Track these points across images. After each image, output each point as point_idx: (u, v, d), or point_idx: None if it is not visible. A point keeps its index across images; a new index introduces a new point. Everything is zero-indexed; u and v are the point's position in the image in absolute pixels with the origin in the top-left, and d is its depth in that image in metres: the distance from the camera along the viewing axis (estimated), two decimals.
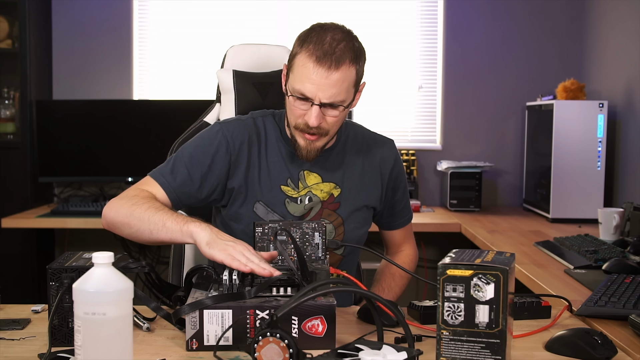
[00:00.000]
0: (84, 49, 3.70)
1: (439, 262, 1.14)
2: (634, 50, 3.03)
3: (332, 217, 1.67)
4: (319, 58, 1.49)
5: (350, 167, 1.71)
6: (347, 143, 1.72)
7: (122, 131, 3.49)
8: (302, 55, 1.51)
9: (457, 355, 1.13)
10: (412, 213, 1.86)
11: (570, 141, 3.05)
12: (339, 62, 1.49)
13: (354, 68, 1.53)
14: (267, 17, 3.72)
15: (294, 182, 1.66)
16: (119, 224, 1.52)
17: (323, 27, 1.54)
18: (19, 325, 1.36)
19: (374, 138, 1.78)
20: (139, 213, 1.48)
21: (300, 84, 1.52)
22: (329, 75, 1.49)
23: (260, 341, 1.07)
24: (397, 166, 1.77)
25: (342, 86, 1.51)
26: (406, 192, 1.82)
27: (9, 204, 3.38)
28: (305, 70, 1.50)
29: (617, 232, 2.45)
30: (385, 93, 3.75)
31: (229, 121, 1.69)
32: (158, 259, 3.62)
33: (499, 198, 3.75)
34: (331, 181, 1.68)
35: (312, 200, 1.66)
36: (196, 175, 1.60)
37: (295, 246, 1.36)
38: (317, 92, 1.50)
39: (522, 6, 3.69)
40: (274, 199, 1.64)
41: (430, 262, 3.63)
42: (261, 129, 1.68)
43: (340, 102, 1.53)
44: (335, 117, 1.55)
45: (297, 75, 1.53)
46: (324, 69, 1.49)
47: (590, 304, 1.52)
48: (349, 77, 1.52)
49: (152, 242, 1.50)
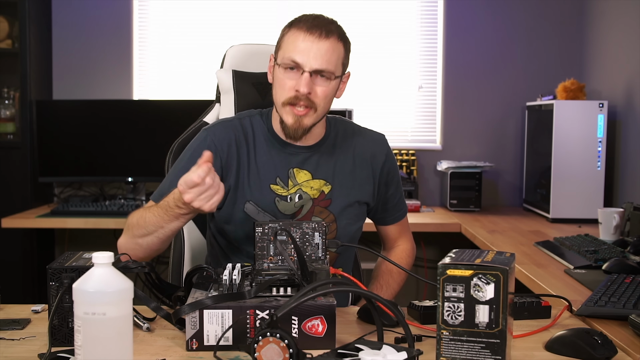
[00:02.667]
0: (84, 49, 3.70)
1: (439, 262, 1.14)
2: (634, 50, 3.03)
3: (323, 214, 1.67)
4: (309, 28, 1.56)
5: (341, 163, 1.71)
6: (336, 139, 1.72)
7: (122, 131, 3.49)
8: (292, 30, 1.58)
9: (457, 355, 1.13)
10: (406, 207, 1.86)
11: (570, 141, 3.05)
12: (329, 33, 1.56)
13: (342, 45, 1.59)
14: (267, 17, 3.72)
15: (283, 181, 1.66)
16: (132, 252, 1.53)
17: (311, 14, 1.61)
18: (19, 325, 1.36)
19: (364, 133, 1.78)
20: (137, 230, 1.53)
21: (290, 52, 1.56)
22: (319, 42, 1.55)
23: (260, 341, 1.07)
24: (388, 161, 1.76)
25: (332, 56, 1.56)
26: (399, 187, 1.81)
27: (9, 204, 3.38)
28: (296, 39, 1.56)
29: (617, 232, 2.45)
30: (385, 93, 3.75)
31: (215, 125, 1.70)
32: (158, 259, 3.62)
33: (499, 198, 3.75)
34: (321, 178, 1.68)
35: (302, 198, 1.65)
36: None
37: (295, 246, 1.36)
38: (309, 58, 1.55)
39: (522, 6, 3.69)
40: (264, 199, 1.64)
41: (430, 262, 3.63)
42: (248, 128, 1.68)
43: (330, 72, 1.56)
44: (324, 89, 1.57)
45: (287, 47, 1.58)
46: (315, 36, 1.55)
47: (590, 304, 1.52)
48: (337, 50, 1.58)
49: (163, 241, 1.53)
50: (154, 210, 1.50)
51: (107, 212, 3.24)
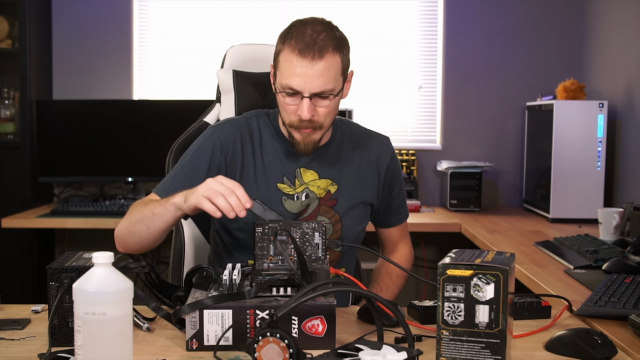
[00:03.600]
0: (84, 49, 3.70)
1: (439, 262, 1.14)
2: (634, 50, 3.03)
3: (329, 213, 1.68)
4: (301, 50, 1.51)
5: (347, 164, 1.71)
6: (343, 140, 1.73)
7: (122, 131, 3.49)
8: (285, 51, 1.53)
9: (457, 355, 1.13)
10: (408, 211, 1.87)
11: (570, 141, 3.05)
12: (322, 51, 1.51)
13: (338, 56, 1.55)
14: (267, 17, 3.71)
15: (290, 180, 1.66)
16: (124, 237, 1.56)
17: (302, 22, 1.57)
18: (19, 325, 1.36)
19: (369, 135, 1.79)
20: (134, 217, 1.54)
21: (287, 79, 1.53)
22: (313, 66, 1.51)
23: (260, 341, 1.07)
24: (393, 163, 1.77)
25: (329, 75, 1.52)
26: (402, 189, 1.82)
27: (9, 204, 3.38)
28: (290, 64, 1.52)
29: (617, 232, 2.45)
30: (385, 93, 3.75)
31: (222, 123, 1.71)
32: (158, 259, 3.62)
33: (499, 198, 3.75)
34: (328, 178, 1.69)
35: (308, 197, 1.66)
36: (197, 183, 1.61)
37: (295, 246, 1.36)
38: (305, 84, 1.52)
39: (522, 6, 3.68)
40: (271, 197, 1.64)
41: (430, 262, 3.63)
42: (254, 128, 1.69)
43: (329, 92, 1.54)
44: (327, 107, 1.56)
45: (283, 71, 1.54)
46: (308, 60, 1.50)
47: (590, 304, 1.52)
48: (334, 65, 1.53)
49: (154, 236, 1.52)
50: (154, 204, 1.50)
51: (107, 212, 3.24)
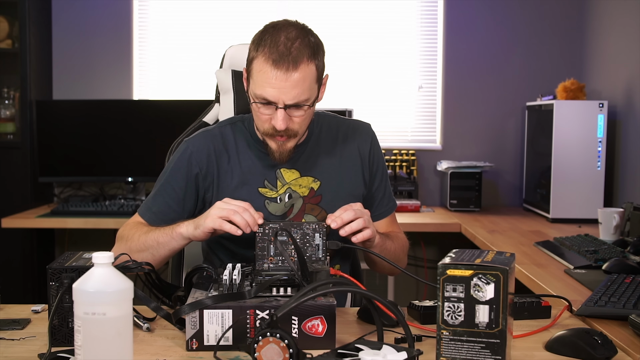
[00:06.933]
0: (84, 49, 3.70)
1: (439, 262, 1.14)
2: (634, 50, 3.03)
3: (315, 211, 1.66)
4: (275, 61, 1.47)
5: (328, 158, 1.69)
6: (320, 135, 1.71)
7: (122, 131, 3.49)
8: (259, 59, 1.50)
9: (457, 355, 1.13)
10: (395, 203, 1.80)
11: (570, 141, 3.05)
12: (297, 61, 1.47)
13: (313, 64, 1.51)
14: (267, 17, 3.69)
15: (271, 182, 1.65)
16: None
17: (276, 26, 1.54)
18: (19, 325, 1.36)
19: (348, 124, 1.75)
20: (135, 246, 1.55)
21: (261, 89, 1.50)
22: (288, 77, 1.47)
23: (260, 341, 1.07)
24: (373, 148, 1.73)
25: (304, 85, 1.50)
26: (385, 179, 1.76)
27: (9, 204, 3.39)
28: (264, 75, 1.48)
29: (617, 232, 2.45)
30: (385, 93, 3.75)
31: (195, 136, 1.70)
32: None
33: (499, 198, 3.75)
34: (309, 175, 1.67)
35: (292, 197, 1.65)
36: (174, 201, 1.65)
37: (296, 246, 1.36)
38: (280, 95, 1.49)
39: (522, 6, 3.69)
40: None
41: (430, 262, 3.63)
42: (229, 137, 1.67)
43: (304, 102, 1.52)
44: (302, 116, 1.54)
45: (257, 80, 1.51)
46: (282, 71, 1.47)
47: (590, 304, 1.52)
48: (309, 74, 1.50)
49: (159, 262, 1.56)
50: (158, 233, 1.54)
51: (107, 212, 3.24)
